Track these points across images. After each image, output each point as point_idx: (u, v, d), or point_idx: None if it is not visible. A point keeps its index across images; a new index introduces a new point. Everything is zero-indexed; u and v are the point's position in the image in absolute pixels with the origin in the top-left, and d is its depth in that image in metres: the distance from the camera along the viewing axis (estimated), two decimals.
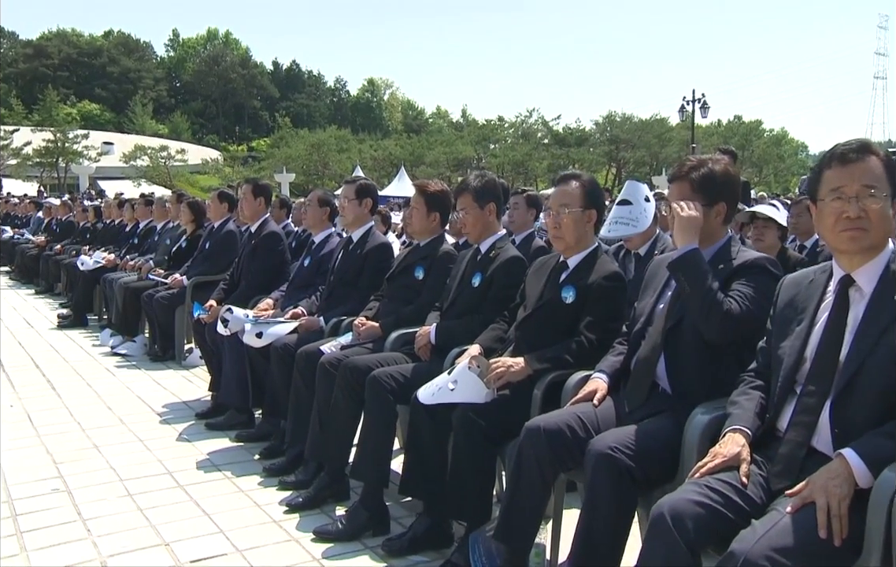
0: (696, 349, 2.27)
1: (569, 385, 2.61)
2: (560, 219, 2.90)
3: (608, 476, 2.02)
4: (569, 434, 2.33)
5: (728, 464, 1.88)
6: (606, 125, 52.66)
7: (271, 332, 4.05)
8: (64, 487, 3.47)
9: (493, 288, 3.33)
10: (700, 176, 2.38)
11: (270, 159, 51.28)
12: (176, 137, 62.47)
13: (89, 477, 3.60)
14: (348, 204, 4.27)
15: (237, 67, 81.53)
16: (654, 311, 2.47)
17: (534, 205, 4.94)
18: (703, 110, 29.77)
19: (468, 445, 2.66)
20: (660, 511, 1.79)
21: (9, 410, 4.72)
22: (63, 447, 4.02)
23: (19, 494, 3.38)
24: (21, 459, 3.83)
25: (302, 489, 3.45)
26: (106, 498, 3.36)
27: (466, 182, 3.50)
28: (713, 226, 2.38)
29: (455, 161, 51.23)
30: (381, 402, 3.13)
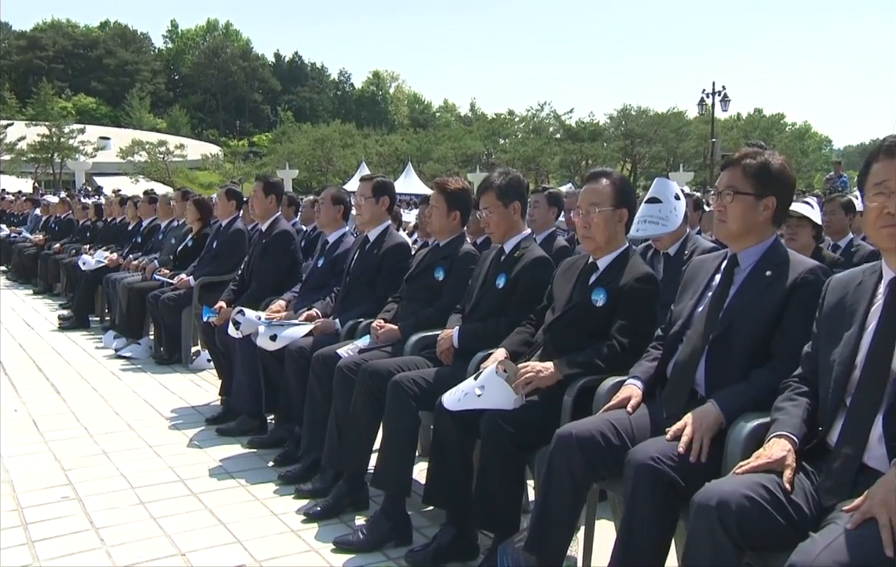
0: (743, 359, 2.26)
1: (601, 391, 2.62)
2: (590, 218, 2.90)
3: (650, 487, 2.02)
4: (602, 442, 2.33)
5: (771, 466, 1.88)
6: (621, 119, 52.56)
7: (286, 335, 4.06)
8: (74, 495, 3.50)
9: (518, 289, 3.34)
10: (755, 164, 2.38)
11: (272, 155, 51.47)
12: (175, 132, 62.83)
13: (99, 484, 3.63)
14: (365, 202, 4.29)
15: (238, 60, 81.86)
16: (693, 314, 2.46)
17: (555, 203, 4.95)
18: (723, 103, 29.74)
19: (497, 453, 2.66)
20: (705, 500, 1.80)
21: (13, 415, 4.75)
22: (71, 453, 4.05)
23: (29, 502, 3.40)
24: (29, 466, 3.86)
25: (319, 498, 3.47)
26: (118, 506, 3.38)
27: (490, 180, 3.51)
28: (759, 220, 2.37)
29: (463, 156, 51.27)
30: (404, 407, 3.14)
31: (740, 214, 2.37)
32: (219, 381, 5.42)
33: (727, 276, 2.42)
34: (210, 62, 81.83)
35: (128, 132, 58.28)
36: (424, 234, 5.73)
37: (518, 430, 2.66)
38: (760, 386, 2.21)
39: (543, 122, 56.82)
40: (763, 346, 2.27)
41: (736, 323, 2.30)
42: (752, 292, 2.33)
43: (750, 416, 2.11)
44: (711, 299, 2.41)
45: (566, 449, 2.34)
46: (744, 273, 2.39)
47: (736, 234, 2.40)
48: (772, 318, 2.26)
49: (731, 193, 2.38)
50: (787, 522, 1.81)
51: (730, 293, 2.38)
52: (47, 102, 52.92)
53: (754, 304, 2.30)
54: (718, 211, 2.43)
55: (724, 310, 2.35)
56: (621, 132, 52.05)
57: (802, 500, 1.84)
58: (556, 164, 50.06)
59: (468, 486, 2.96)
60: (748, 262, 2.40)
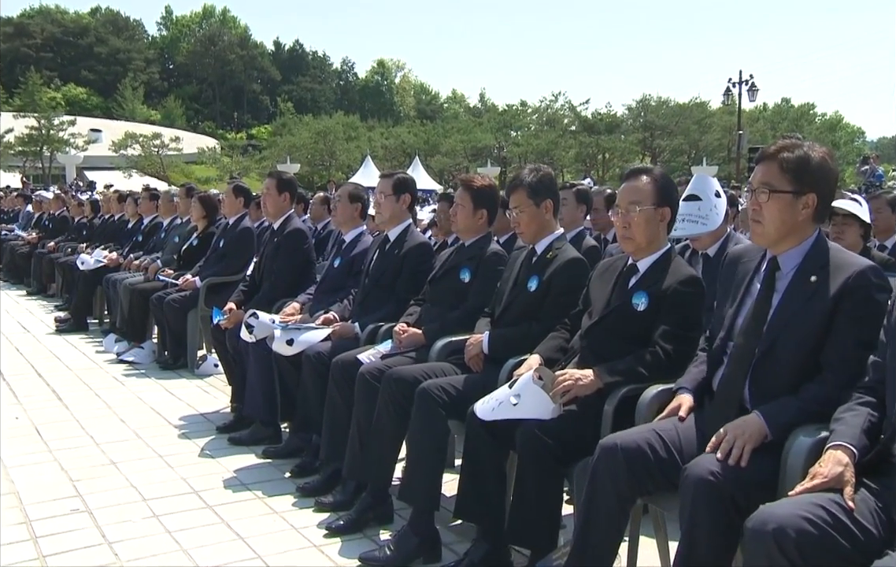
0: (791, 373, 2.24)
1: (644, 400, 2.62)
2: (630, 217, 2.89)
3: (709, 503, 2.02)
4: (650, 455, 2.34)
5: (828, 485, 1.88)
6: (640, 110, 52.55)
7: (303, 340, 4.08)
8: (84, 507, 3.52)
9: (551, 293, 3.34)
10: (793, 158, 2.31)
11: (272, 148, 51.64)
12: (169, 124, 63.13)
13: (110, 496, 3.65)
14: (385, 200, 4.30)
15: (235, 48, 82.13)
16: (735, 323, 2.44)
17: (583, 200, 4.96)
18: (750, 93, 29.66)
19: (534, 466, 2.67)
20: (760, 526, 1.80)
21: (14, 423, 4.79)
22: (78, 463, 4.08)
23: (37, 514, 3.43)
24: (35, 476, 3.89)
25: (341, 511, 3.48)
26: (130, 519, 3.41)
27: (520, 177, 3.51)
28: (798, 219, 2.31)
29: (473, 150, 51.33)
30: (432, 416, 3.15)
31: (778, 215, 2.31)
32: (228, 386, 5.46)
33: (768, 283, 2.38)
34: (206, 50, 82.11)
35: (120, 124, 58.61)
36: (443, 232, 5.73)
37: (556, 442, 2.66)
38: (809, 399, 2.19)
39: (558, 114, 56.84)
40: (812, 358, 2.24)
41: (782, 337, 2.27)
42: (797, 301, 2.29)
43: (809, 429, 2.11)
44: (753, 309, 2.38)
45: (611, 461, 2.34)
46: (786, 279, 2.35)
47: (774, 236, 2.35)
48: (820, 329, 2.23)
49: (766, 191, 2.32)
50: (852, 545, 1.80)
51: (773, 302, 2.34)
52: (35, 93, 53.30)
53: (800, 316, 2.26)
54: (753, 210, 2.37)
55: (767, 322, 2.32)
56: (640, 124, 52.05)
57: (868, 520, 1.84)
58: (571, 158, 50.07)
59: (501, 499, 2.98)
60: (790, 265, 2.35)
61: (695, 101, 51.56)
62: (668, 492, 2.39)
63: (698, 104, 51.40)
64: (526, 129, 56.53)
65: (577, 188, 4.97)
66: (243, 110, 79.34)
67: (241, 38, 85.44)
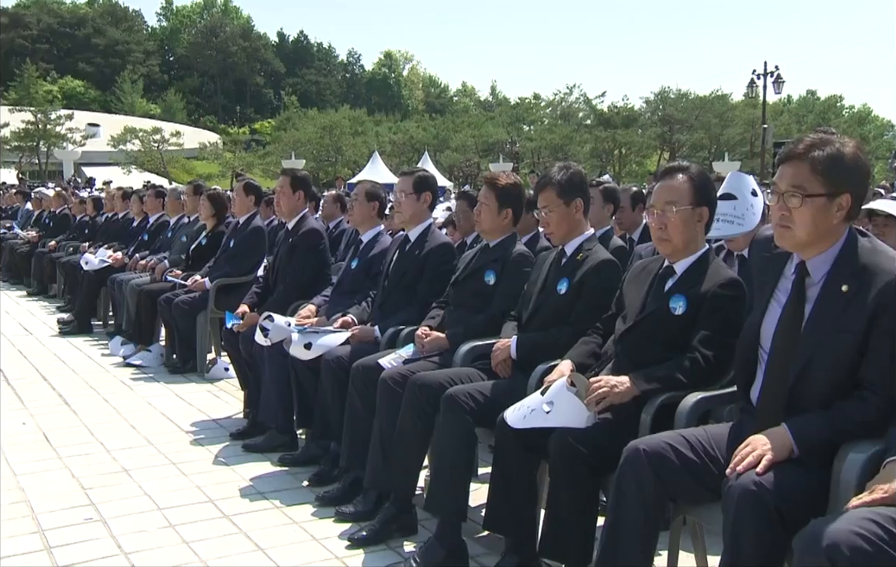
0: (826, 389, 2.20)
1: (683, 409, 2.62)
2: (666, 218, 2.89)
3: (755, 517, 2.02)
4: (675, 459, 2.34)
5: (888, 501, 1.87)
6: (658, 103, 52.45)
7: (321, 344, 4.10)
8: (98, 516, 3.55)
9: (582, 296, 3.35)
10: (825, 157, 2.23)
11: (276, 143, 51.76)
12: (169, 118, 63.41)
13: (124, 505, 3.68)
14: (405, 198, 4.31)
15: (238, 39, 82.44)
16: (762, 328, 2.41)
17: (610, 198, 4.95)
18: (776, 85, 29.51)
19: (568, 476, 2.67)
20: (811, 541, 1.79)
21: (21, 429, 4.83)
22: (89, 471, 4.11)
23: (50, 524, 3.46)
24: (46, 484, 3.93)
25: (363, 521, 3.50)
26: (146, 529, 3.43)
27: (549, 175, 3.52)
28: (832, 222, 2.25)
29: (485, 145, 51.32)
30: (459, 424, 3.16)
31: (811, 220, 2.24)
32: (239, 391, 5.50)
33: (798, 291, 2.32)
34: (208, 42, 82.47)
35: (119, 118, 58.91)
36: (462, 232, 5.74)
37: (591, 451, 2.66)
38: (844, 418, 2.15)
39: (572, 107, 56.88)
40: (849, 374, 2.19)
41: (818, 354, 2.22)
42: (830, 314, 2.23)
43: (863, 444, 2.10)
44: (785, 319, 2.33)
45: (636, 466, 2.35)
46: (817, 286, 2.29)
47: (805, 242, 2.27)
48: (856, 344, 2.18)
49: (798, 196, 2.23)
50: None
51: (805, 313, 2.29)
52: (31, 86, 53.66)
53: (835, 331, 2.20)
54: (781, 215, 2.28)
55: (801, 336, 2.27)
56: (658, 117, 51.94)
57: None
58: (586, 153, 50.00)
59: (532, 510, 2.99)
60: (820, 272, 2.29)
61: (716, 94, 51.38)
62: (702, 501, 2.40)
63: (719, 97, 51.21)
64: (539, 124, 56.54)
65: (604, 186, 4.96)
66: (246, 104, 79.64)
67: (243, 29, 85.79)
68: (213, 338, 6.50)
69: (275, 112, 73.58)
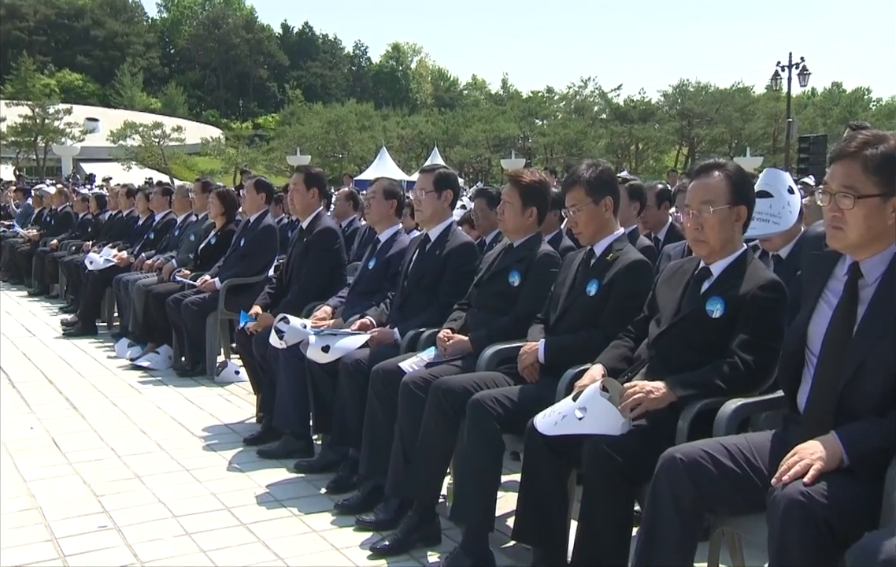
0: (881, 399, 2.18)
1: (723, 416, 2.61)
2: (702, 218, 2.89)
3: (802, 530, 2.01)
4: (713, 468, 2.34)
5: None
6: (677, 96, 52.40)
7: (339, 346, 4.12)
8: (112, 524, 3.57)
9: (613, 297, 3.35)
10: (878, 155, 2.21)
11: (280, 139, 51.94)
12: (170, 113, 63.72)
13: (138, 512, 3.70)
14: (426, 196, 4.32)
15: (240, 31, 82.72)
16: (809, 331, 2.41)
17: (637, 196, 4.95)
18: (801, 77, 29.40)
19: (602, 486, 2.67)
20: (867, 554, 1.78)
21: (29, 433, 4.86)
22: (101, 477, 4.13)
23: (63, 532, 3.48)
24: (57, 491, 3.95)
25: (384, 530, 3.51)
26: (162, 537, 3.45)
27: (577, 173, 3.52)
28: (887, 223, 2.23)
29: (496, 140, 51.38)
30: (486, 430, 3.17)
31: (864, 221, 2.22)
32: (251, 395, 5.54)
33: (851, 293, 2.32)
34: (209, 34, 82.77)
35: (118, 113, 59.20)
36: (481, 230, 5.75)
37: (626, 460, 2.66)
38: None
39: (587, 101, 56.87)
40: None
41: (870, 360, 2.21)
42: (885, 319, 2.22)
43: None
44: (835, 322, 2.32)
45: (672, 475, 2.35)
46: (871, 288, 2.29)
47: (858, 244, 2.26)
48: None
49: (850, 196, 2.22)
50: None
51: (857, 315, 2.28)
52: (28, 79, 54.02)
53: (888, 337, 2.18)
54: (833, 216, 2.27)
55: (853, 340, 2.26)
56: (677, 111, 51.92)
57: None
58: (601, 149, 49.98)
59: (563, 520, 2.99)
60: (875, 274, 2.28)
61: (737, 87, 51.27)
62: (743, 512, 2.40)
63: (741, 89, 51.12)
64: (552, 118, 56.57)
65: (630, 183, 4.97)
66: (249, 98, 79.96)
67: (246, 20, 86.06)
68: (223, 340, 6.53)
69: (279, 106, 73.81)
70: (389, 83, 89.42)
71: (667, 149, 53.66)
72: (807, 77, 29.51)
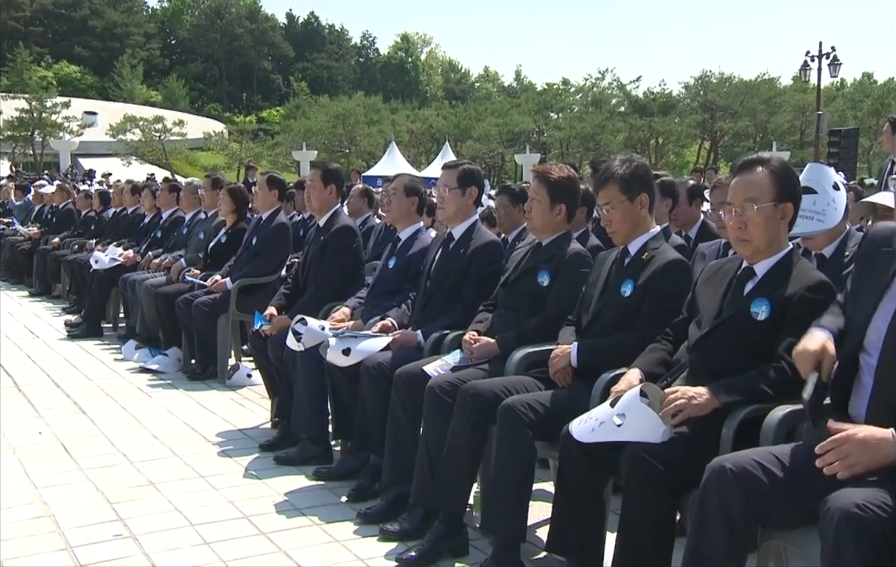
0: None
1: (770, 423, 2.60)
2: (745, 217, 2.88)
3: (858, 542, 2.00)
4: (764, 478, 2.33)
5: None
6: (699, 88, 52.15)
7: (360, 349, 4.12)
8: (127, 532, 3.60)
9: (649, 299, 3.34)
10: None
11: (285, 133, 52.08)
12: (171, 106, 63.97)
13: (153, 520, 3.73)
14: (449, 193, 4.33)
15: (244, 21, 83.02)
16: (872, 326, 2.40)
17: (669, 193, 4.95)
18: (832, 67, 29.24)
19: (644, 496, 2.67)
20: None
21: (38, 438, 4.90)
22: (114, 484, 4.16)
23: (78, 540, 3.51)
24: (70, 498, 3.98)
25: (409, 540, 3.52)
26: (180, 546, 3.47)
27: (611, 169, 3.51)
28: None
29: (510, 134, 51.31)
30: (518, 437, 3.17)
31: None
32: (264, 399, 5.56)
33: None
34: (212, 24, 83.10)
35: (118, 106, 59.51)
36: (503, 229, 5.75)
37: (668, 468, 2.66)
38: None
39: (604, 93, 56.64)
40: None
41: None
42: None
43: None
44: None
45: (721, 485, 2.34)
46: None
47: None
48: None
49: None
50: None
51: None
52: (24, 71, 54.21)
53: None
54: None
55: None
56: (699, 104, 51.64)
57: None
58: (619, 143, 49.81)
59: (600, 531, 2.99)
60: None
61: (762, 78, 50.98)
62: (796, 525, 2.39)
63: (766, 81, 50.82)
64: (569, 111, 56.39)
65: (661, 179, 4.96)
66: (253, 91, 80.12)
67: (249, 10, 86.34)
68: (235, 342, 6.55)
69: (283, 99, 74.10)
70: (398, 75, 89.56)
71: (688, 143, 53.46)
72: (838, 67, 29.38)
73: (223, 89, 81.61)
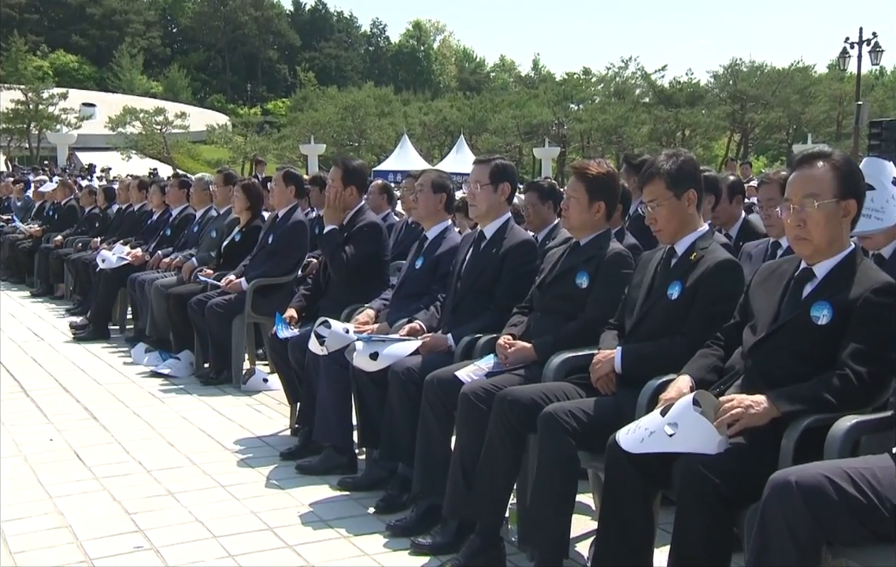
0: None
1: (836, 434, 2.58)
2: (805, 214, 2.86)
3: None
4: (833, 493, 2.31)
5: None
6: (728, 78, 52.05)
7: (388, 353, 4.12)
8: (148, 544, 3.62)
9: (698, 301, 3.32)
10: None
11: (292, 126, 52.23)
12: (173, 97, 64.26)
13: (174, 532, 3.74)
14: (481, 190, 4.33)
15: (248, 8, 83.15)
16: None
17: (712, 189, 4.90)
18: (873, 54, 29.01)
19: (699, 510, 2.65)
20: None
21: (50, 445, 4.93)
22: (131, 493, 4.18)
23: (98, 552, 3.53)
24: (86, 508, 4.01)
25: (443, 554, 3.52)
26: (203, 559, 3.49)
27: (656, 165, 3.50)
28: None
29: (527, 127, 51.31)
30: (561, 447, 3.17)
31: None
32: (282, 405, 5.58)
33: None
34: (215, 11, 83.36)
35: (117, 98, 59.88)
36: (533, 227, 5.74)
37: (724, 481, 2.64)
38: None
39: (628, 84, 56.60)
40: None
41: None
42: None
43: None
44: None
45: (785, 501, 2.33)
46: None
47: None
48: None
49: None
50: None
51: None
52: (20, 61, 54.52)
53: None
54: None
55: None
56: (728, 94, 51.55)
57: None
58: (643, 136, 49.73)
59: (648, 546, 2.98)
60: None
61: (796, 66, 50.72)
62: (866, 545, 2.37)
63: (800, 69, 50.60)
64: (590, 102, 56.33)
65: (704, 174, 4.92)
66: (258, 81, 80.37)
67: None
68: (250, 345, 6.57)
69: (290, 90, 74.27)
70: (410, 65, 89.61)
71: (717, 136, 53.28)
72: (880, 54, 29.12)
73: (227, 80, 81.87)
